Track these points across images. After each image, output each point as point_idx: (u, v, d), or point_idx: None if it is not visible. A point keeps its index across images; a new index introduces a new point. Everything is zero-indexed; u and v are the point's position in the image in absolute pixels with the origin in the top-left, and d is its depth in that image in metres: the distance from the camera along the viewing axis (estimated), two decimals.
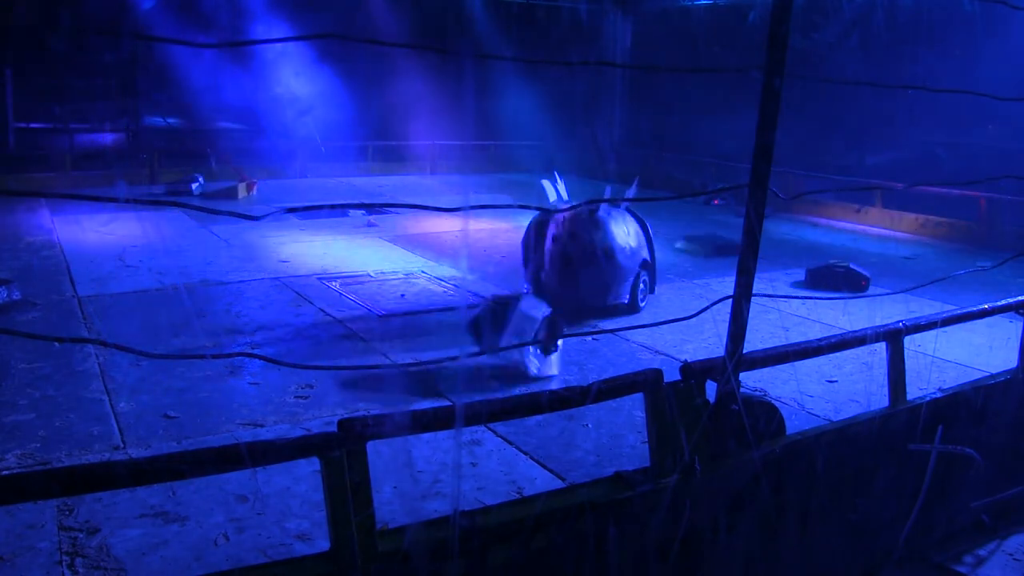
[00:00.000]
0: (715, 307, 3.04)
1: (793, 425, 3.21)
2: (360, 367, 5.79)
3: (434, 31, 15.98)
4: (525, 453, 4.54)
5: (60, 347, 5.82)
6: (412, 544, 2.20)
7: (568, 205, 7.43)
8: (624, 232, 7.43)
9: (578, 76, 17.84)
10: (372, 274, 8.69)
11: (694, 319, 3.30)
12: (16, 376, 5.36)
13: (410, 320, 7.08)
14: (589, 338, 6.49)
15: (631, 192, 7.53)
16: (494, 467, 4.39)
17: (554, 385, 5.55)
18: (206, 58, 14.74)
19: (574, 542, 2.52)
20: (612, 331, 6.59)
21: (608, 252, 7.17)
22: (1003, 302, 3.93)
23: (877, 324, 3.47)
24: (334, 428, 2.14)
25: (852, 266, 8.64)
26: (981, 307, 3.82)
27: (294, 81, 15.70)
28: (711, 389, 2.79)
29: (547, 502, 2.52)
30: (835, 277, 8.52)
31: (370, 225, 11.57)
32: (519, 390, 5.39)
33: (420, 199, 13.13)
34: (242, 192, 13.83)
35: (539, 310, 5.84)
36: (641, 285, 7.53)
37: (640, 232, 7.67)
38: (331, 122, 16.78)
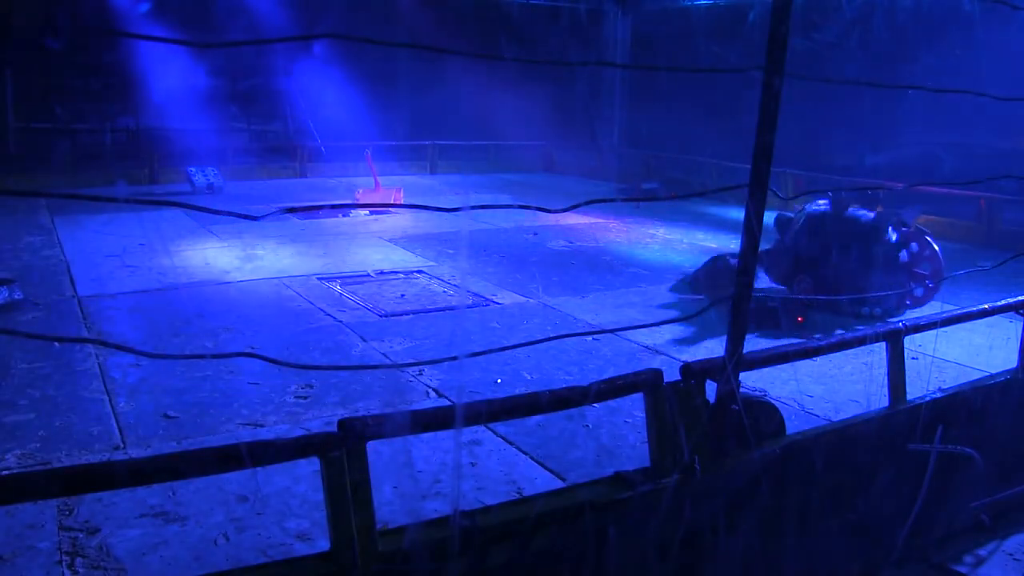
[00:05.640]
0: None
1: (793, 425, 3.21)
2: (360, 367, 5.78)
3: (433, 30, 15.99)
4: (525, 453, 4.54)
5: (60, 347, 5.82)
6: (412, 544, 2.20)
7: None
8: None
9: (578, 76, 17.83)
10: (372, 274, 8.70)
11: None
12: (16, 376, 5.36)
13: (411, 320, 7.08)
14: (589, 338, 6.49)
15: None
16: (494, 467, 4.38)
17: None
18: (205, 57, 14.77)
19: (574, 542, 2.52)
20: (612, 331, 6.59)
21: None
22: (1003, 302, 3.93)
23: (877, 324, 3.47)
24: (334, 428, 2.13)
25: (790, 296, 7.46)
26: (981, 307, 3.82)
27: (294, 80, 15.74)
28: (711, 389, 2.79)
29: (547, 502, 2.52)
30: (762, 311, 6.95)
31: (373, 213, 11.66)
32: None
33: (420, 199, 13.15)
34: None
35: None
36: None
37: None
38: (331, 122, 16.81)
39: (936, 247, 7.55)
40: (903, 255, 7.47)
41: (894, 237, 7.43)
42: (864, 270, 7.30)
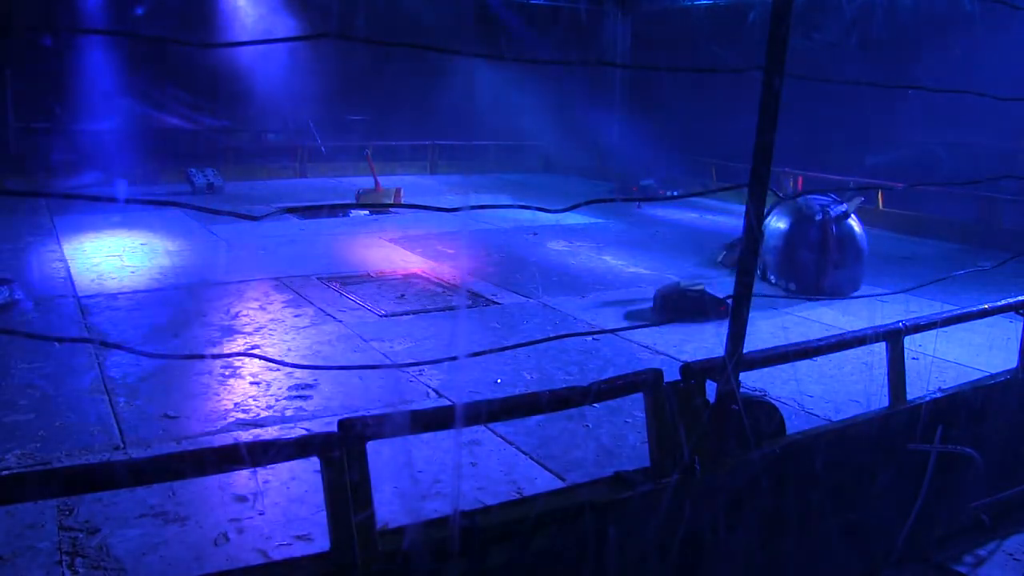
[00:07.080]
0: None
1: (793, 425, 3.21)
2: (360, 367, 5.78)
3: (433, 30, 15.99)
4: (525, 453, 4.54)
5: (60, 347, 5.82)
6: (412, 544, 2.20)
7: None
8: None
9: (578, 76, 17.83)
10: (372, 274, 8.70)
11: None
12: (16, 376, 5.36)
13: (411, 320, 7.08)
14: (589, 338, 6.49)
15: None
16: (494, 467, 4.38)
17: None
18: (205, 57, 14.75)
19: (574, 542, 2.52)
20: (612, 331, 6.59)
21: None
22: (1003, 302, 3.92)
23: (877, 324, 3.47)
24: (334, 428, 2.13)
25: (707, 290, 7.48)
26: (981, 307, 3.82)
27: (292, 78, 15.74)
28: (711, 389, 2.79)
29: (547, 502, 2.52)
30: (685, 301, 7.38)
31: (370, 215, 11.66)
32: None
33: (420, 199, 13.15)
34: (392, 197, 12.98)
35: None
36: None
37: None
38: (331, 122, 16.79)
39: (855, 233, 8.58)
40: (819, 238, 8.45)
41: (817, 219, 8.50)
42: (786, 248, 8.58)
